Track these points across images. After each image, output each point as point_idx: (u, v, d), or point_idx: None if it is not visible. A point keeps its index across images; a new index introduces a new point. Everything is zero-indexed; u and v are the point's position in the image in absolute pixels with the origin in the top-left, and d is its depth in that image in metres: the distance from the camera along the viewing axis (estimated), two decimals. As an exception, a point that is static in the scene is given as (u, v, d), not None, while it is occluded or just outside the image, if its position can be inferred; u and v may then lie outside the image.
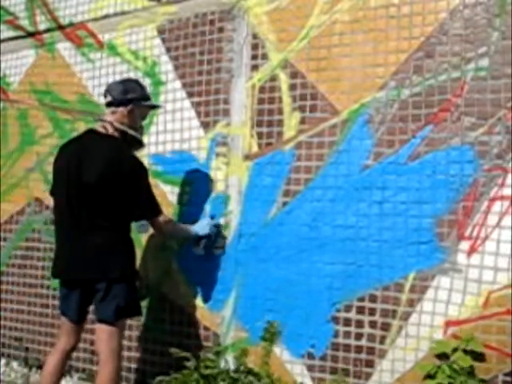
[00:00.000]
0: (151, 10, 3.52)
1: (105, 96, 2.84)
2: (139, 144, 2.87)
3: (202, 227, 3.04)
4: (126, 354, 3.44)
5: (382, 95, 2.79)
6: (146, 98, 2.88)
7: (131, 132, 2.78)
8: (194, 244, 3.17)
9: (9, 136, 4.03)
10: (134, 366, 3.42)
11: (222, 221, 3.16)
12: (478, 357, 2.48)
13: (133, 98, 2.78)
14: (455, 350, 2.50)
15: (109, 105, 2.81)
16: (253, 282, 3.05)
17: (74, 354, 3.63)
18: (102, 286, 2.65)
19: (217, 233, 3.14)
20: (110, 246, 2.69)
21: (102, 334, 2.68)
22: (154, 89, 3.46)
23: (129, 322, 3.41)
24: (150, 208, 2.78)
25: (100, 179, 2.62)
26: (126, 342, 3.45)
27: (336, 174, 2.87)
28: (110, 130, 2.75)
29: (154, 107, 3.08)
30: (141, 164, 2.75)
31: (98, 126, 2.81)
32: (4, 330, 3.98)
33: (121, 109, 2.77)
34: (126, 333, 3.43)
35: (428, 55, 2.71)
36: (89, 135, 2.81)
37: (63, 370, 2.85)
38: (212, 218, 3.14)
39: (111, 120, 2.77)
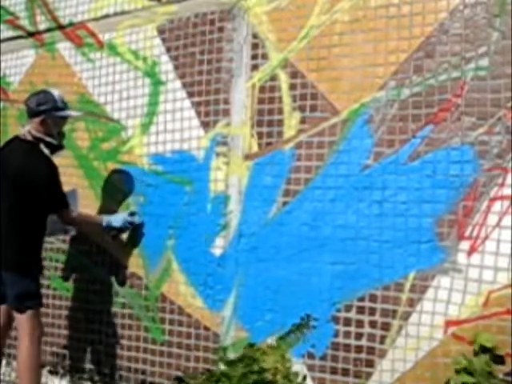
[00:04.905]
0: (151, 9, 3.52)
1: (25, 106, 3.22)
2: (58, 147, 3.24)
3: (117, 219, 3.33)
4: (125, 353, 3.45)
5: (382, 95, 2.79)
6: (58, 108, 3.19)
7: (47, 138, 3.17)
8: (106, 231, 3.38)
9: (9, 136, 4.00)
10: (134, 365, 3.42)
11: (223, 220, 3.17)
12: (499, 361, 2.46)
13: (45, 110, 3.13)
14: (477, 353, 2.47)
15: (28, 115, 3.20)
16: (253, 282, 3.05)
17: (74, 354, 3.65)
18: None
19: (131, 228, 3.38)
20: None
21: None
22: (154, 89, 3.47)
23: (128, 321, 3.43)
24: (59, 201, 3.14)
25: (15, 179, 3.02)
26: (125, 342, 3.45)
27: (336, 174, 2.87)
28: (29, 137, 3.15)
29: (65, 117, 3.30)
30: (50, 163, 3.13)
31: (22, 133, 3.19)
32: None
33: (35, 119, 3.15)
34: (126, 333, 3.44)
35: (428, 55, 2.71)
36: (14, 141, 3.23)
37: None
38: (132, 214, 3.36)
39: (29, 128, 3.16)
